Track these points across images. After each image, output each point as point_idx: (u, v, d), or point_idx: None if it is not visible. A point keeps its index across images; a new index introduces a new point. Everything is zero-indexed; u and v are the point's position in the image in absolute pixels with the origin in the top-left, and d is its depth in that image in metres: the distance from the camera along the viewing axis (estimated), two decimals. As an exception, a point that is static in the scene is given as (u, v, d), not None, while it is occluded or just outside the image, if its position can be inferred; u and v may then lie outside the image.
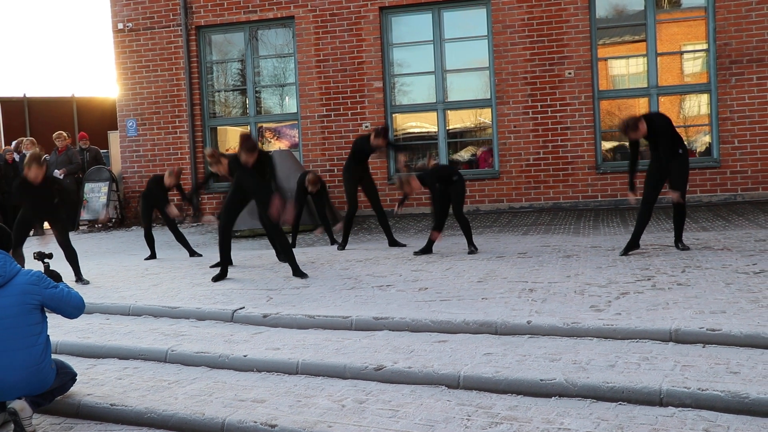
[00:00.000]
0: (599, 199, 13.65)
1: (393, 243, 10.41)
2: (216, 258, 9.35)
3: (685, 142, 13.83)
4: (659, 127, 8.31)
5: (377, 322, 6.11)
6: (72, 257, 8.91)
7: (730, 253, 8.01)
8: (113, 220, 16.08)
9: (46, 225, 16.62)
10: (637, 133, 8.32)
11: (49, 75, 44.37)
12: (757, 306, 5.64)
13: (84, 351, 6.27)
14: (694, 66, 14.24)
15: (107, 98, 22.43)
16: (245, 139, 8.45)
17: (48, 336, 4.86)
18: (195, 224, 15.06)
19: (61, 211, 9.03)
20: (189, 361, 5.79)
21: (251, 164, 8.33)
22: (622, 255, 8.30)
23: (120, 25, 16.29)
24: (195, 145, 15.91)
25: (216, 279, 8.48)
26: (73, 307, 4.94)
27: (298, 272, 8.34)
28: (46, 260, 5.35)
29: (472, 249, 9.26)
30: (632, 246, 8.40)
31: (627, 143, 13.94)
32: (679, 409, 4.16)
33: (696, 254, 8.05)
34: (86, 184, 16.16)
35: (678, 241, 8.49)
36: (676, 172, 8.28)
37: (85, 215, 16.01)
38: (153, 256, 10.82)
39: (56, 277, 5.23)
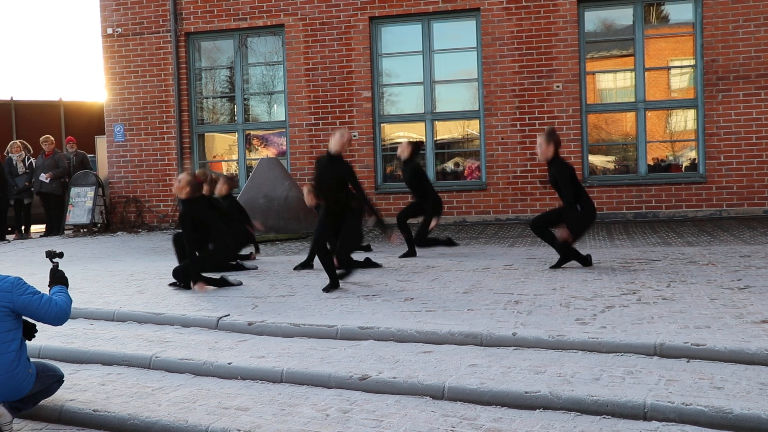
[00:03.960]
0: (585, 212, 13.66)
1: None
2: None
3: (668, 158, 13.96)
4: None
5: (363, 331, 6.10)
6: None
7: (715, 268, 8.06)
8: (98, 225, 16.00)
9: (34, 228, 16.65)
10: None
11: (36, 78, 44.27)
12: (741, 321, 5.66)
13: (67, 356, 6.23)
14: (681, 81, 14.34)
15: (95, 102, 22.37)
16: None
17: (23, 341, 4.73)
18: None
19: None
20: (173, 368, 5.76)
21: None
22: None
23: (109, 30, 16.26)
24: (182, 151, 15.88)
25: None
26: (53, 317, 4.75)
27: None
28: (55, 259, 5.23)
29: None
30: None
31: (614, 158, 14.04)
32: (663, 423, 4.16)
33: (681, 269, 8.09)
34: (72, 189, 16.07)
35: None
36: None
37: (70, 219, 15.94)
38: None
39: (62, 278, 5.13)
